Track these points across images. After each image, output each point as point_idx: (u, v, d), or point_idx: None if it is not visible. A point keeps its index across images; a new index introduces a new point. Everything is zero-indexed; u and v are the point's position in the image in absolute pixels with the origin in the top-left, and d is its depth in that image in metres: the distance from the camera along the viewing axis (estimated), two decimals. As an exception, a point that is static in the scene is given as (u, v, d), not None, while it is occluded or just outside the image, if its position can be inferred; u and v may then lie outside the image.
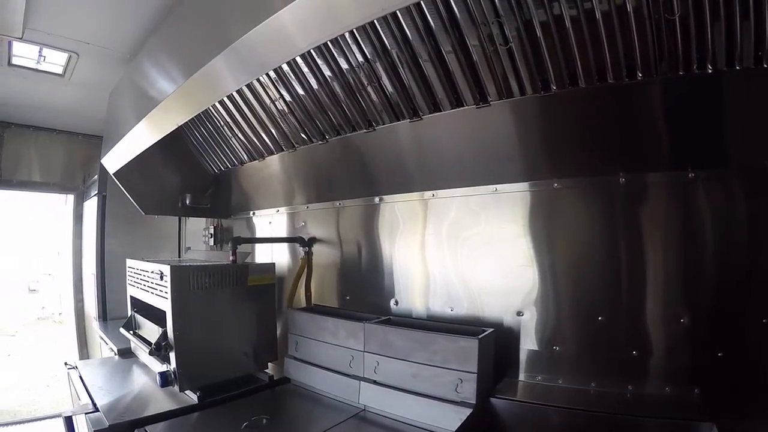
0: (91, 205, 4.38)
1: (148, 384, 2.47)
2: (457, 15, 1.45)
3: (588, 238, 1.86)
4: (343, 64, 1.84)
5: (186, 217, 4.45)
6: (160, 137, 2.59)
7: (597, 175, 1.79)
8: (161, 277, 2.30)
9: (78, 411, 2.15)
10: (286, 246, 3.09)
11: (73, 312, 5.11)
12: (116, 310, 4.01)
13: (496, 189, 2.06)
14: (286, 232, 3.11)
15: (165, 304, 2.28)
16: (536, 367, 1.92)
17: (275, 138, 2.55)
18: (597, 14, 1.31)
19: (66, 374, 2.81)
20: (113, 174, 3.12)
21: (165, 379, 2.23)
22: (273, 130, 2.51)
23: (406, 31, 1.57)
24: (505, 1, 1.36)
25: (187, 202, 3.31)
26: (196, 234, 4.28)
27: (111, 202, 4.12)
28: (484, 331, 1.88)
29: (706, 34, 1.28)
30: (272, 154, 2.70)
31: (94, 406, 2.15)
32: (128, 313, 2.90)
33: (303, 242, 2.85)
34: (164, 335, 2.28)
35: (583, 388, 1.79)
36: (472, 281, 2.15)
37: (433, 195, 2.29)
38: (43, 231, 11.04)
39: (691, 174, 1.64)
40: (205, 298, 2.34)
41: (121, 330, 2.82)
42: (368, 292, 2.59)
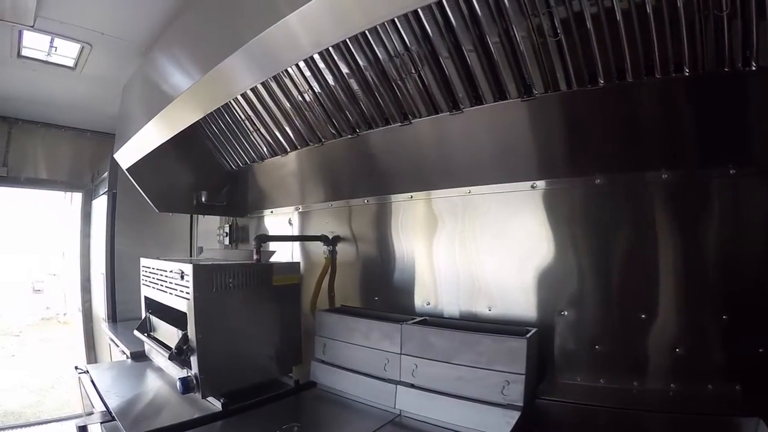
0: (100, 204, 4.18)
1: (165, 390, 2.30)
2: (506, 4, 1.41)
3: (630, 234, 1.77)
4: (381, 54, 1.79)
5: (197, 216, 4.26)
6: (176, 133, 2.42)
7: (639, 171, 1.71)
8: (182, 277, 2.12)
9: (93, 420, 1.96)
10: (307, 245, 2.90)
11: (80, 313, 4.90)
12: (126, 311, 3.82)
13: (535, 185, 1.94)
14: (307, 231, 2.94)
15: (185, 306, 2.10)
16: (577, 367, 1.82)
17: (301, 132, 2.41)
18: (648, 8, 1.29)
19: (77, 379, 2.61)
20: (126, 170, 2.93)
21: (186, 386, 2.04)
22: (299, 124, 2.38)
23: (450, 19, 1.52)
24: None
25: (203, 199, 3.12)
26: (208, 233, 4.11)
27: (121, 200, 3.92)
28: (529, 330, 1.78)
29: (751, 32, 1.27)
30: (296, 149, 2.55)
31: (109, 413, 1.98)
32: (141, 315, 2.71)
33: (327, 241, 2.67)
34: (185, 338, 2.10)
35: (625, 388, 1.70)
36: (511, 280, 2.02)
37: (470, 191, 2.16)
38: (47, 230, 10.83)
39: (732, 171, 1.57)
40: (229, 299, 2.16)
41: (136, 333, 2.63)
42: (398, 292, 2.44)
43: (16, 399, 5.89)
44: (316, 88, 2.15)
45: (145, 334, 2.62)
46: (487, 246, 2.11)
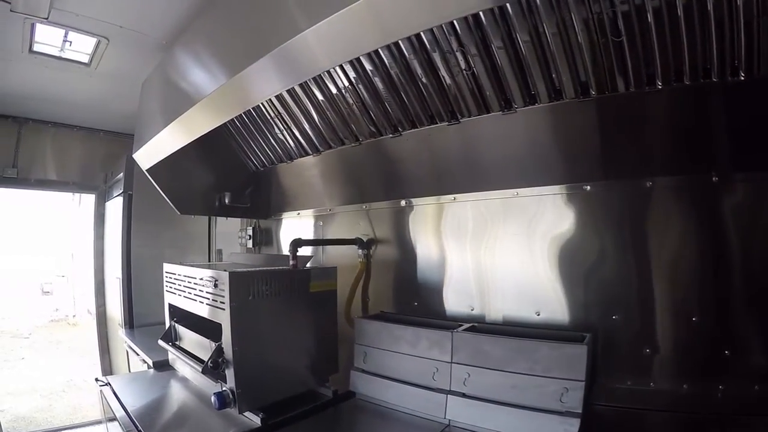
0: (115, 205, 3.97)
1: (196, 404, 2.12)
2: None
3: (681, 237, 1.71)
4: (432, 50, 1.67)
5: (215, 218, 4.06)
6: (200, 135, 2.23)
7: (689, 174, 1.65)
8: (215, 285, 1.92)
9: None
10: (337, 248, 2.70)
11: (90, 315, 4.69)
12: (143, 317, 3.62)
13: (587, 187, 1.83)
14: (338, 234, 2.74)
15: (220, 316, 1.91)
16: (627, 371, 1.74)
17: (336, 130, 2.23)
18: (709, 6, 1.23)
19: (98, 392, 2.40)
20: (147, 171, 2.72)
21: (222, 401, 1.86)
22: (335, 121, 2.20)
23: (509, 14, 1.43)
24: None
25: (226, 201, 2.92)
26: (226, 236, 3.92)
27: (137, 202, 3.71)
28: (584, 336, 1.70)
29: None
30: (330, 148, 2.35)
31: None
32: (161, 321, 2.51)
33: (362, 244, 2.48)
34: (219, 351, 1.90)
35: (675, 390, 1.65)
36: (560, 284, 1.91)
37: (517, 193, 2.02)
38: (56, 232, 10.60)
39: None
40: (265, 307, 1.97)
41: (161, 342, 2.43)
42: (439, 297, 2.28)
43: (27, 403, 5.68)
44: (356, 83, 1.97)
45: (170, 344, 2.42)
46: (535, 249, 1.98)
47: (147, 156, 2.65)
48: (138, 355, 2.94)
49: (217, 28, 2.00)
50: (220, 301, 1.89)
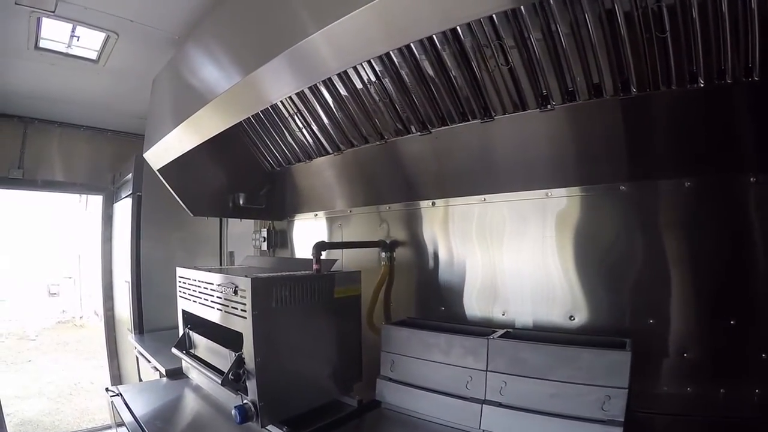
0: (123, 207, 3.80)
1: (213, 416, 1.97)
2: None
3: (718, 239, 1.60)
4: (467, 44, 1.55)
5: (227, 220, 3.90)
6: (212, 135, 2.08)
7: (727, 174, 1.56)
8: (235, 292, 1.77)
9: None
10: (356, 251, 2.55)
11: (97, 316, 4.53)
12: (153, 321, 3.46)
13: (623, 188, 1.72)
14: (359, 236, 2.59)
15: (241, 324, 1.76)
16: (663, 376, 1.66)
17: (360, 128, 2.07)
18: (753, 3, 1.16)
19: (109, 403, 2.25)
20: (158, 171, 2.56)
21: (244, 415, 1.71)
22: (360, 120, 2.05)
23: (551, 5, 1.32)
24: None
25: (240, 202, 2.76)
26: (238, 237, 3.76)
27: (146, 203, 3.54)
28: (623, 341, 1.60)
29: None
30: (352, 146, 2.20)
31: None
32: (171, 325, 2.36)
33: (386, 247, 2.32)
34: (240, 361, 1.75)
35: (712, 395, 1.57)
36: (595, 287, 1.80)
37: (549, 194, 1.89)
38: (62, 233, 10.44)
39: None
40: (288, 315, 1.81)
41: (174, 351, 2.27)
42: (468, 302, 2.13)
43: (34, 406, 5.56)
44: (383, 77, 1.82)
45: (184, 352, 2.26)
46: (568, 252, 1.86)
47: (158, 156, 2.49)
48: (149, 362, 2.78)
49: (230, 23, 1.87)
50: (241, 309, 1.74)
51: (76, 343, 8.49)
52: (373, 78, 1.86)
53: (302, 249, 3.04)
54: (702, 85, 1.36)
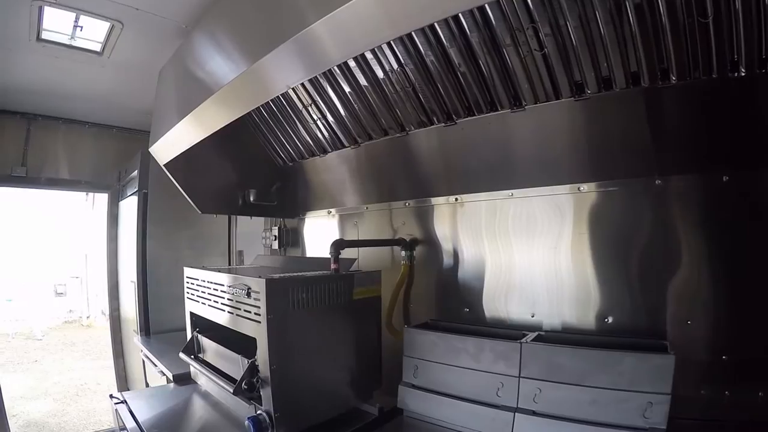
0: (128, 205, 3.64)
1: (224, 425, 1.81)
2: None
3: (760, 236, 1.47)
4: (498, 29, 1.42)
5: (236, 218, 3.73)
6: (219, 127, 1.92)
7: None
8: (248, 294, 1.61)
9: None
10: (372, 250, 2.38)
11: (104, 316, 4.37)
12: (159, 323, 3.30)
13: (659, 182, 1.59)
14: (376, 234, 2.42)
15: (254, 329, 1.60)
16: (701, 380, 1.54)
17: (379, 120, 1.92)
18: None
19: (113, 411, 2.09)
20: (164, 166, 2.40)
21: (258, 426, 1.56)
22: (380, 111, 1.91)
23: None
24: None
25: (251, 198, 2.59)
26: (247, 236, 3.60)
27: (153, 201, 3.38)
28: (663, 344, 1.51)
29: None
30: (370, 139, 2.04)
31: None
32: (187, 334, 2.19)
33: (406, 245, 2.15)
34: (253, 369, 1.59)
35: (751, 399, 1.46)
36: (630, 287, 1.67)
37: (579, 189, 1.74)
38: (68, 232, 10.30)
39: None
40: (306, 318, 1.66)
41: (182, 356, 2.12)
42: (494, 303, 1.97)
43: (39, 408, 5.40)
44: (406, 64, 1.67)
45: (192, 357, 2.10)
46: (602, 249, 1.73)
47: (164, 150, 2.33)
48: (156, 366, 2.61)
49: (237, 10, 1.72)
50: (255, 313, 1.58)
51: (83, 344, 8.34)
52: (396, 66, 1.71)
53: (315, 248, 2.87)
54: (744, 74, 1.25)
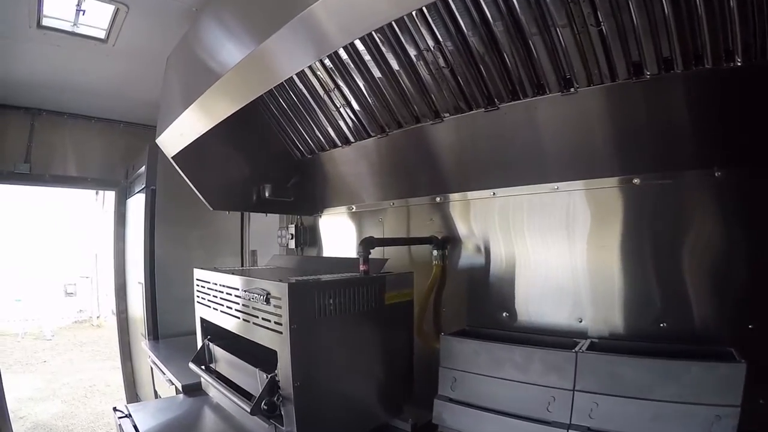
0: (136, 202, 3.42)
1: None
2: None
3: None
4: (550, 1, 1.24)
5: (248, 215, 3.50)
6: (234, 109, 1.68)
7: None
8: (267, 300, 1.38)
9: None
10: (399, 250, 2.15)
11: (114, 316, 4.16)
12: (168, 326, 3.08)
13: (718, 174, 1.39)
14: (401, 232, 2.19)
15: (275, 340, 1.38)
16: (762, 388, 1.32)
17: (411, 106, 1.69)
18: None
19: (116, 426, 1.87)
20: (172, 158, 2.17)
21: (280, 453, 1.33)
22: (412, 96, 1.70)
23: None
24: None
25: (266, 194, 2.35)
26: (260, 235, 3.39)
27: (161, 198, 3.16)
28: (728, 350, 1.34)
29: None
30: (399, 127, 1.82)
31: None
32: (197, 341, 1.98)
33: (438, 243, 1.92)
34: (273, 385, 1.37)
35: None
36: (688, 289, 1.48)
37: (633, 182, 1.53)
38: (78, 232, 10.14)
39: None
40: (332, 327, 1.44)
41: (191, 366, 1.90)
42: (536, 306, 1.75)
43: (48, 409, 5.21)
44: (444, 41, 1.46)
45: (203, 368, 1.88)
46: (654, 248, 1.53)
47: (171, 141, 2.10)
48: (164, 374, 2.39)
49: None
50: (275, 322, 1.36)
51: (92, 344, 8.16)
52: (432, 43, 1.49)
53: (333, 247, 2.63)
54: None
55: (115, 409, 1.94)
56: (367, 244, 1.56)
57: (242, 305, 1.54)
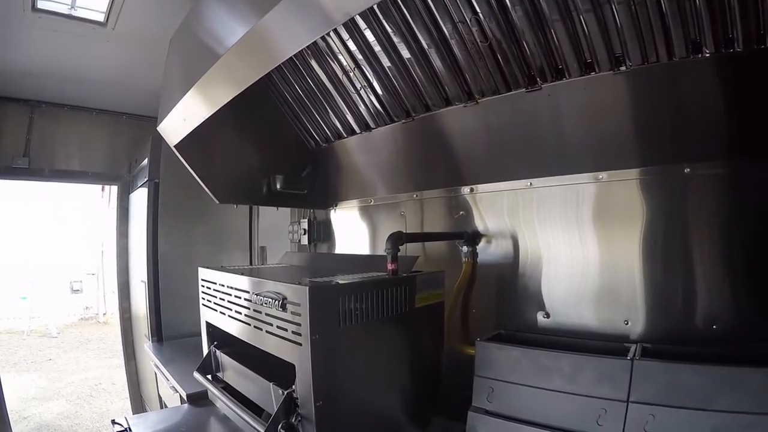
0: (139, 197, 3.21)
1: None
2: None
3: None
4: None
5: (257, 209, 3.29)
6: (237, 93, 1.48)
7: None
8: (283, 307, 1.17)
9: None
10: (421, 246, 1.94)
11: (118, 322, 3.97)
12: (173, 327, 2.88)
13: None
14: (425, 226, 1.98)
15: (293, 353, 1.17)
16: None
17: (442, 87, 1.48)
18: None
19: (115, 439, 1.67)
20: (174, 147, 1.96)
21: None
22: (443, 76, 1.50)
23: None
24: None
25: (277, 186, 2.13)
26: (269, 230, 3.19)
27: (164, 191, 2.95)
28: None
29: None
30: (428, 111, 1.61)
31: None
32: (203, 348, 1.77)
33: (468, 239, 1.71)
34: (289, 403, 1.16)
35: None
36: (745, 288, 1.32)
37: (686, 171, 1.33)
38: (84, 229, 9.96)
39: None
40: (358, 335, 1.23)
41: (196, 375, 1.69)
42: (576, 308, 1.55)
43: (52, 409, 5.06)
44: (482, 15, 1.27)
45: (209, 378, 1.68)
46: (705, 244, 1.37)
47: (173, 128, 1.89)
48: (168, 380, 2.19)
49: None
50: (293, 332, 1.15)
51: (98, 341, 7.99)
52: (470, 15, 1.29)
53: (348, 243, 2.42)
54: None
55: (114, 422, 1.74)
56: (396, 240, 1.35)
57: (253, 311, 1.34)
